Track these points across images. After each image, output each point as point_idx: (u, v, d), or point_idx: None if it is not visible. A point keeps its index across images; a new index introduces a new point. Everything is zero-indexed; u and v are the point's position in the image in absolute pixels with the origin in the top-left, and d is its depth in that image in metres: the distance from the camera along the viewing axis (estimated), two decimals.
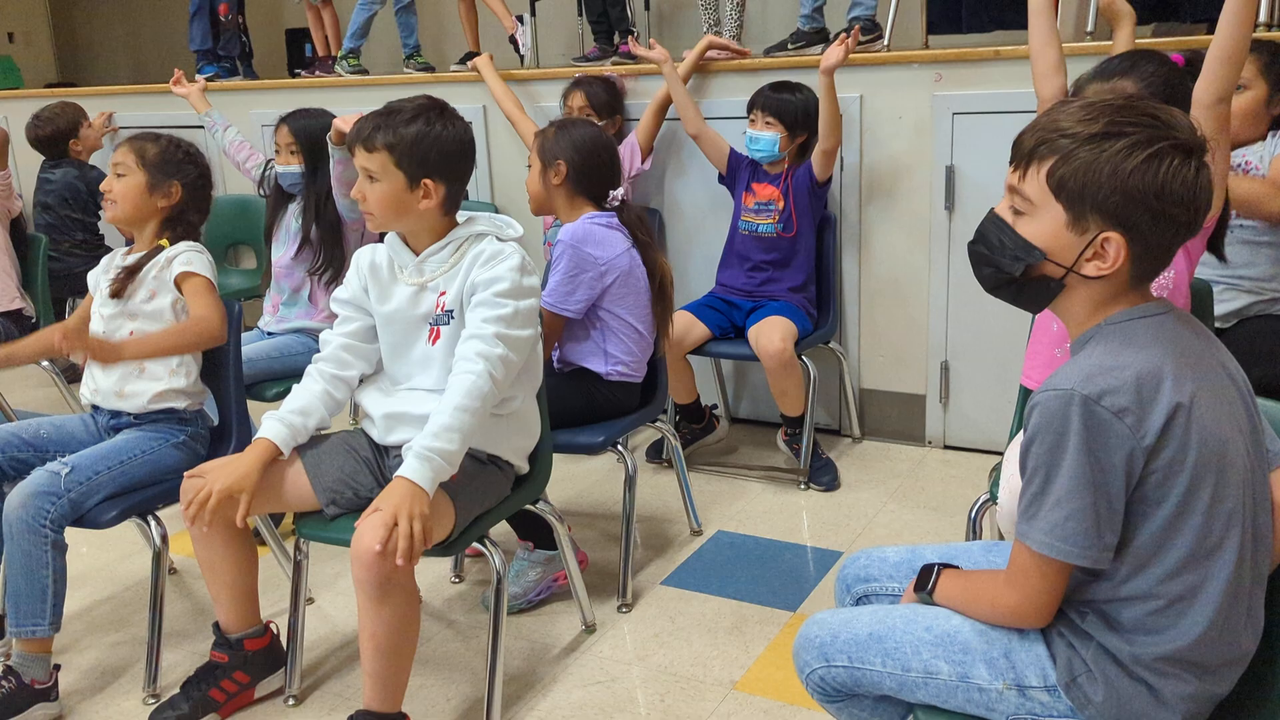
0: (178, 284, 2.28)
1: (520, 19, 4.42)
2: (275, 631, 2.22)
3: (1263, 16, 3.17)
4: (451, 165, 2.00)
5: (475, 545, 2.08)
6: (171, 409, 2.30)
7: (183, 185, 2.34)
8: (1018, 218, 1.32)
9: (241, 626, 2.15)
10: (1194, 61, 1.94)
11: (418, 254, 2.05)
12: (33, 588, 2.08)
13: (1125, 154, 1.22)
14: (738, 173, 3.31)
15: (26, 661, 2.12)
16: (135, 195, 2.30)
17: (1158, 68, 1.95)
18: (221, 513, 1.93)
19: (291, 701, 2.21)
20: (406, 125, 1.94)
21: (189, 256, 2.30)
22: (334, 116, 3.08)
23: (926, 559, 1.58)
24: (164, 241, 2.32)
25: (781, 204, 3.20)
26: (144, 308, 2.29)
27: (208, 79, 4.89)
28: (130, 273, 2.28)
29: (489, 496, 2.08)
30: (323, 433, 2.13)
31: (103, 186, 2.34)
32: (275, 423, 2.01)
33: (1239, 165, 2.48)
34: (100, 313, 2.33)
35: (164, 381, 2.28)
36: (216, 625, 2.16)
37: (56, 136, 4.37)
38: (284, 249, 3.12)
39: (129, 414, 2.30)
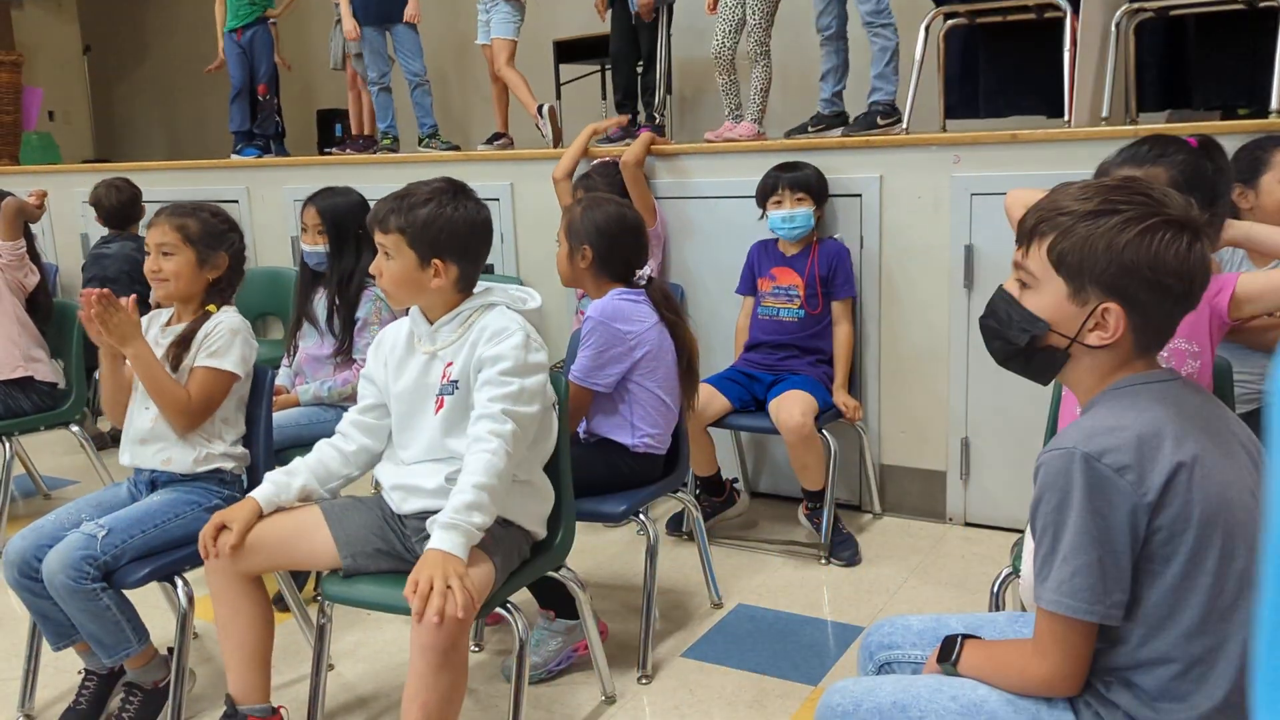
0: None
1: (540, 109, 4.56)
2: (284, 718, 2.20)
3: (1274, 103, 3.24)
4: (462, 246, 2.05)
5: (497, 612, 2.09)
6: (218, 469, 2.35)
7: (229, 255, 2.40)
8: (1024, 291, 1.40)
9: (250, 697, 2.13)
10: (1206, 144, 1.99)
11: (433, 323, 2.11)
12: (105, 627, 2.18)
13: (1119, 229, 1.30)
14: (754, 267, 3.38)
15: (140, 674, 2.30)
16: (188, 272, 2.34)
17: (1187, 156, 1.96)
18: (235, 567, 2.01)
19: None
20: (419, 208, 2.02)
21: (220, 344, 2.31)
22: (359, 195, 3.18)
23: (951, 628, 1.59)
24: (211, 308, 2.38)
25: (803, 287, 3.26)
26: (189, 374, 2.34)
27: (250, 159, 5.06)
28: (183, 344, 2.33)
29: (510, 561, 2.10)
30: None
31: (150, 267, 2.35)
32: (269, 485, 2.10)
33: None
34: (146, 401, 2.37)
35: (206, 447, 2.33)
36: (229, 697, 2.15)
37: (124, 209, 4.41)
38: (315, 340, 3.17)
39: (171, 472, 2.34)
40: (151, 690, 2.31)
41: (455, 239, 2.04)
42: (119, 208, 4.41)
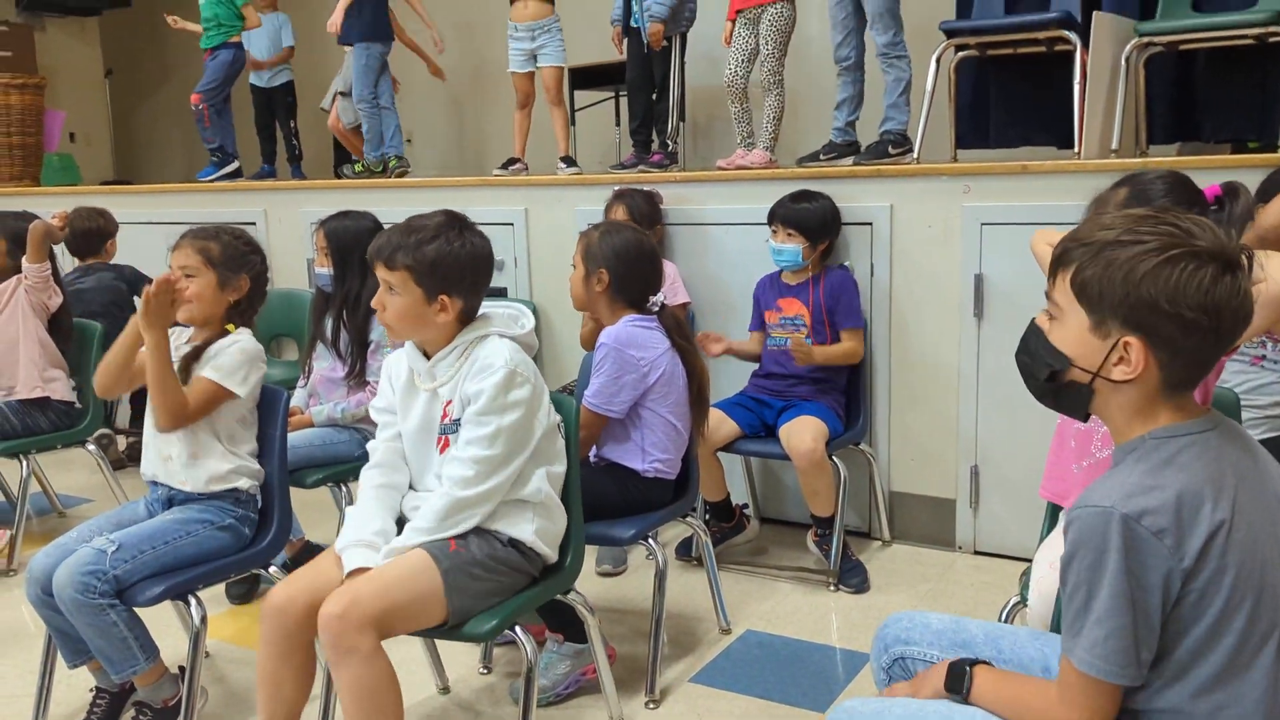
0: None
1: (564, 161, 4.66)
2: None
3: None
4: (467, 280, 2.08)
5: (506, 633, 2.10)
6: (234, 489, 2.37)
7: (250, 277, 2.44)
8: (1052, 324, 1.37)
9: None
10: (1229, 192, 1.98)
11: (429, 358, 2.13)
12: (112, 643, 2.20)
13: (1140, 259, 1.25)
14: (761, 300, 3.41)
15: (149, 692, 2.31)
16: (210, 294, 2.37)
17: (1202, 210, 1.94)
18: (299, 628, 2.00)
19: None
20: (426, 245, 2.03)
21: (228, 362, 2.33)
22: (372, 220, 3.22)
23: (970, 632, 1.58)
24: (230, 327, 2.41)
25: (809, 316, 3.28)
26: None
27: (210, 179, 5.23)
28: (195, 356, 2.36)
29: (507, 583, 2.09)
30: None
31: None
32: (364, 550, 2.02)
33: None
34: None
35: (225, 462, 2.35)
36: None
37: (90, 235, 4.42)
38: (329, 361, 3.20)
39: (188, 491, 2.36)
40: (161, 709, 2.32)
41: (461, 273, 2.06)
42: (85, 233, 4.39)
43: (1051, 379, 1.37)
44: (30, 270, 3.51)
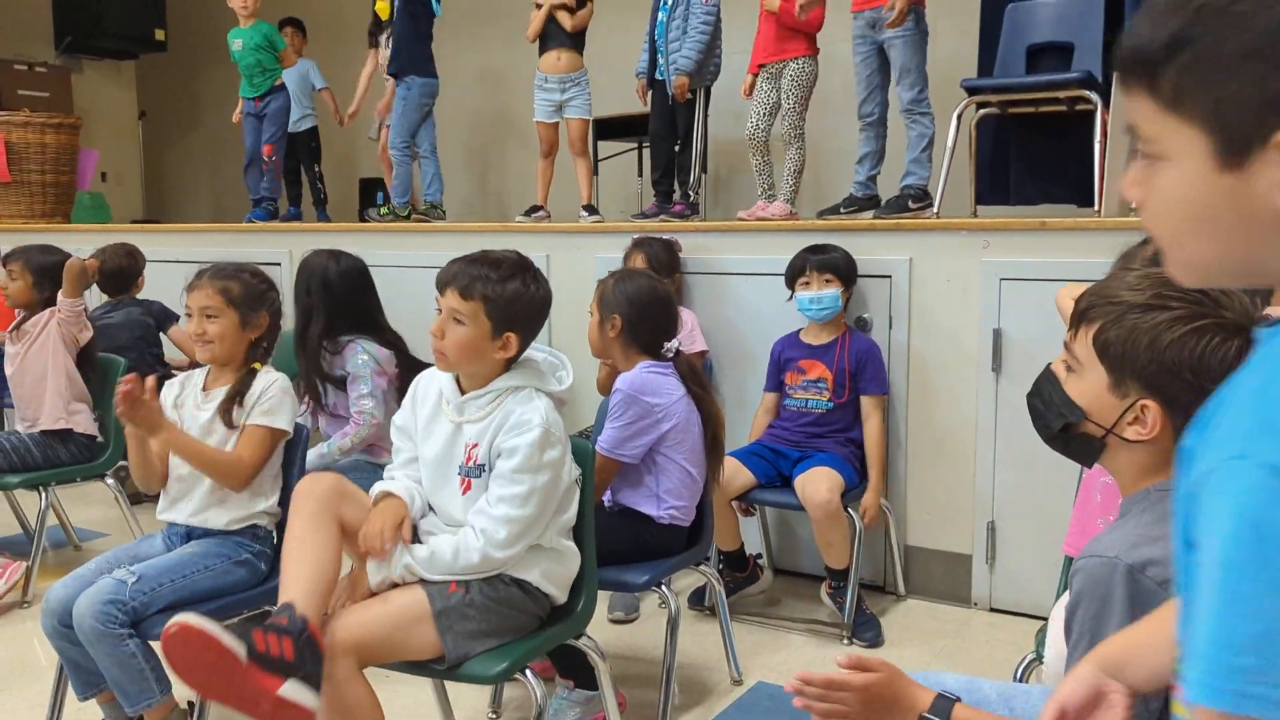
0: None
1: (586, 209, 4.71)
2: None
3: None
4: (532, 323, 2.12)
5: (516, 678, 2.09)
6: (252, 525, 2.39)
7: (269, 314, 2.47)
8: (1069, 375, 1.38)
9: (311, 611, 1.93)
10: None
11: (464, 393, 2.14)
12: (129, 674, 2.19)
13: (1166, 326, 1.26)
14: (782, 360, 3.40)
15: None
16: (232, 334, 2.40)
17: None
18: (329, 502, 2.03)
19: None
20: (506, 281, 2.05)
21: (273, 403, 2.38)
22: (318, 258, 3.34)
23: (984, 691, 1.57)
24: (257, 365, 2.44)
25: (831, 380, 3.29)
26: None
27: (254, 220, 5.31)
28: (234, 400, 2.38)
29: (511, 623, 2.08)
30: None
31: (194, 330, 2.42)
32: (401, 482, 2.14)
33: None
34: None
35: (245, 507, 2.38)
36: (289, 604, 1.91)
37: (123, 274, 4.48)
38: (332, 398, 3.28)
39: (207, 527, 2.38)
40: None
41: (529, 316, 2.09)
42: (116, 272, 4.44)
43: (1064, 430, 1.38)
44: (65, 305, 3.57)
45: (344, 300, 3.27)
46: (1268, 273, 0.84)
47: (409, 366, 3.20)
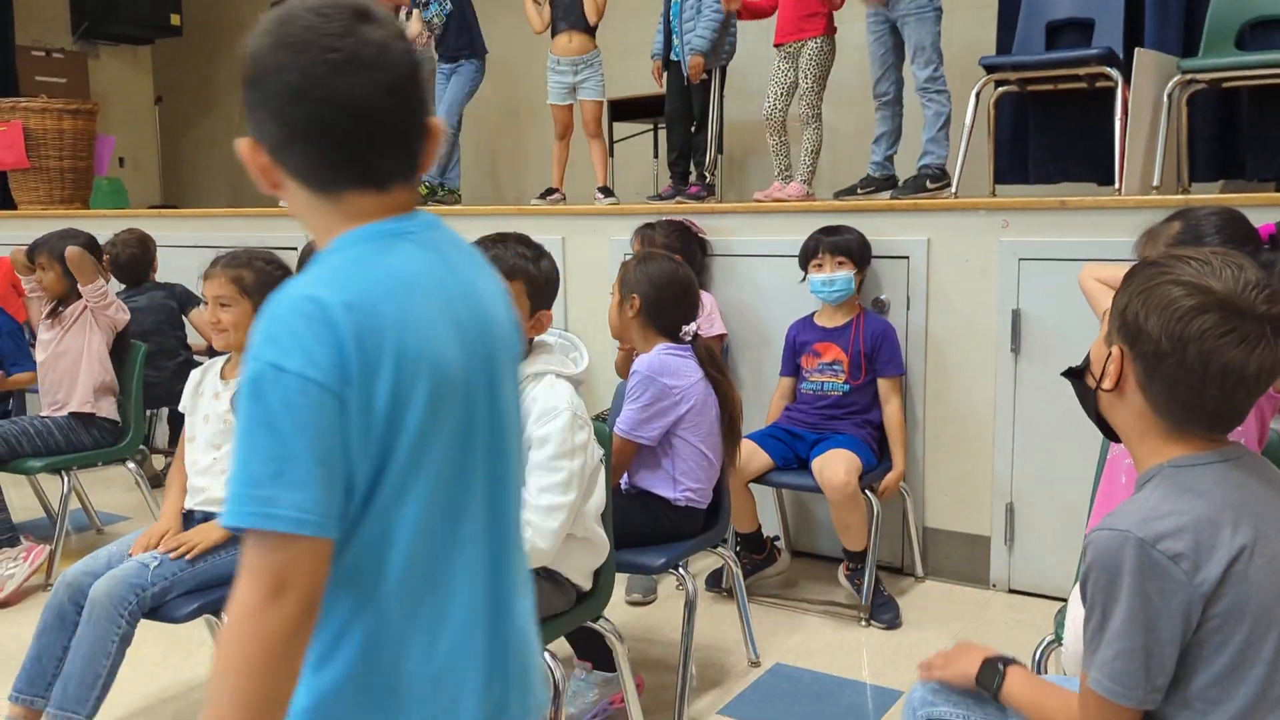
0: None
1: (602, 191, 4.70)
2: None
3: None
4: (553, 301, 2.16)
5: None
6: None
7: None
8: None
9: None
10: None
11: None
12: (86, 673, 2.14)
13: (1151, 276, 1.29)
14: (798, 343, 3.39)
15: None
16: (246, 322, 2.40)
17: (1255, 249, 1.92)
18: None
19: None
20: (542, 260, 2.10)
21: None
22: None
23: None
24: None
25: (847, 362, 3.27)
26: None
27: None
28: None
29: (538, 608, 2.09)
30: None
31: (209, 319, 2.43)
32: None
33: None
34: (211, 442, 2.42)
35: None
36: None
37: (137, 262, 4.48)
38: None
39: None
40: None
41: (553, 293, 2.15)
42: (130, 261, 4.43)
43: (1073, 375, 1.43)
44: (88, 291, 3.58)
45: None
46: None
47: None
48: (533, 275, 2.06)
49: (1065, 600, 2.02)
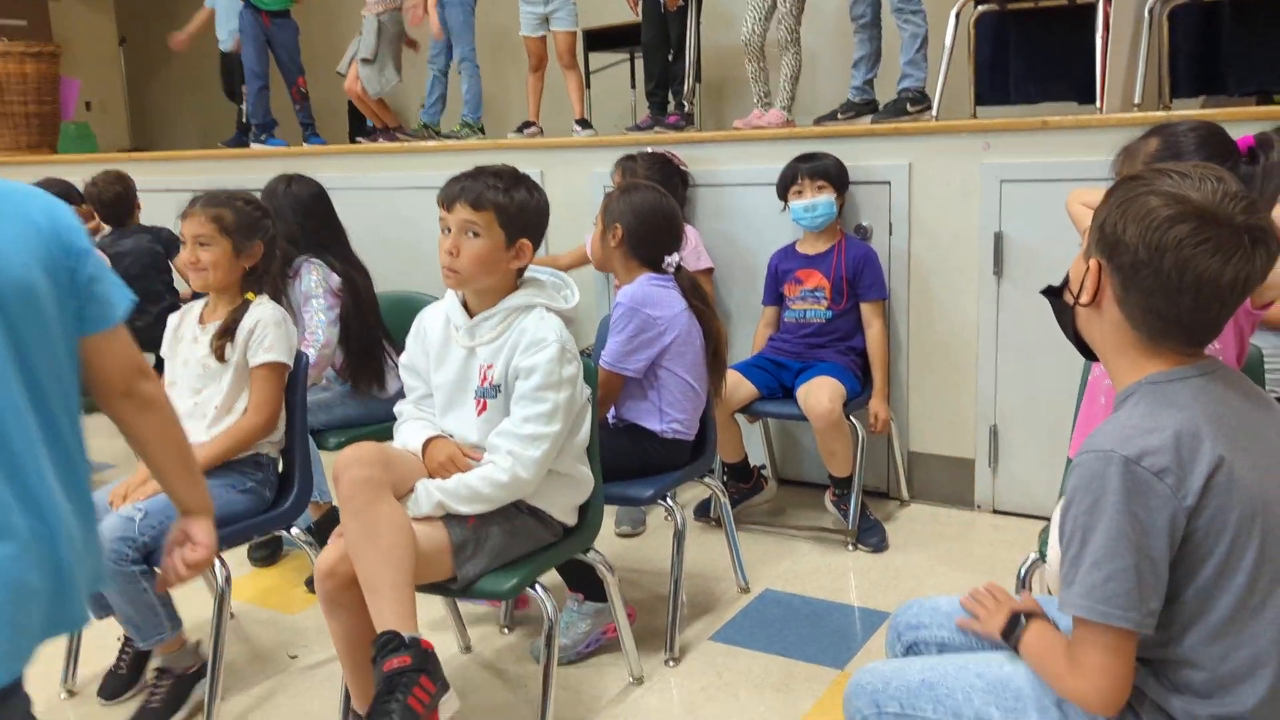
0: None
1: (579, 123, 4.65)
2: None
3: None
4: (539, 230, 2.14)
5: (526, 593, 2.12)
6: (255, 454, 2.40)
7: (264, 242, 2.44)
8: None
9: (407, 626, 1.87)
10: (1263, 144, 1.94)
11: (472, 316, 2.13)
12: (141, 610, 2.22)
13: (1130, 188, 1.28)
14: (779, 272, 3.38)
15: (171, 659, 2.36)
16: (225, 262, 2.39)
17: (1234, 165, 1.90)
18: (374, 494, 1.92)
19: None
20: (515, 190, 2.07)
21: (273, 337, 2.37)
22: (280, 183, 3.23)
23: (941, 607, 1.61)
24: (250, 295, 2.42)
25: (829, 287, 3.26)
26: (236, 366, 2.38)
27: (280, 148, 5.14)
28: (226, 335, 2.38)
29: (523, 543, 2.11)
30: None
31: (186, 259, 2.40)
32: (427, 424, 2.17)
33: None
34: (191, 386, 2.41)
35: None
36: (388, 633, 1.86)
37: (120, 201, 4.36)
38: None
39: None
40: (182, 675, 2.36)
41: (538, 222, 2.13)
42: (114, 200, 4.32)
43: (1051, 293, 1.43)
44: None
45: (296, 225, 3.09)
46: None
47: (356, 301, 3.06)
48: (502, 204, 2.04)
49: (1048, 520, 2.05)
